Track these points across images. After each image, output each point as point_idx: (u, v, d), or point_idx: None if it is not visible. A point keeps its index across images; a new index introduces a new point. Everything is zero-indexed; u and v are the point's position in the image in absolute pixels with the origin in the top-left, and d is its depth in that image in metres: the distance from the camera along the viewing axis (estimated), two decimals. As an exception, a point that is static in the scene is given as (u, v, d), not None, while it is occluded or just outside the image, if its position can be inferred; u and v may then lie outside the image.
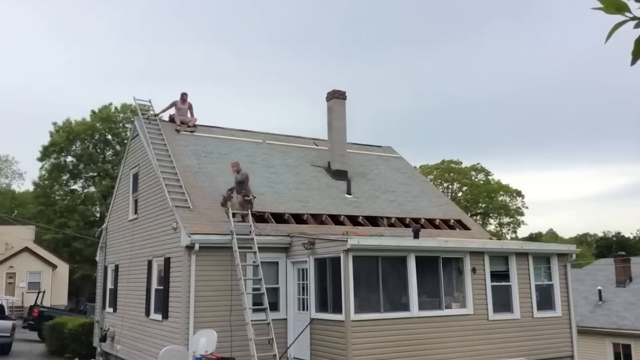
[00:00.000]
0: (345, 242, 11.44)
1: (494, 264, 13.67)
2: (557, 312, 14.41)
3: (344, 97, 18.56)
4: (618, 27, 2.06)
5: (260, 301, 12.54)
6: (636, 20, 2.03)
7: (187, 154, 15.87)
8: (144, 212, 16.02)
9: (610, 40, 2.15)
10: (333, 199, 16.41)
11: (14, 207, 58.22)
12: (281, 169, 17.12)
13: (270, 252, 13.34)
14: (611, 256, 36.78)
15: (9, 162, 59.77)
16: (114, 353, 17.04)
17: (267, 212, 14.52)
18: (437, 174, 58.70)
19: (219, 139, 17.49)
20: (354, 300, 11.40)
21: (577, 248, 15.66)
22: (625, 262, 29.49)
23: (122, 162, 19.58)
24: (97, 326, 19.15)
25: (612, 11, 2.02)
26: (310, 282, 12.69)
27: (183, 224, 12.79)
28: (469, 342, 12.69)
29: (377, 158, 20.50)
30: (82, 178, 47.91)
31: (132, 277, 16.32)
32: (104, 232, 19.93)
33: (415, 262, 12.26)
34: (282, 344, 12.75)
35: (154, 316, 14.24)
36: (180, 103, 17.43)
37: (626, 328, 24.59)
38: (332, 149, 18.22)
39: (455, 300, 13.00)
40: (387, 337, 11.50)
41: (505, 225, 62.08)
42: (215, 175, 15.32)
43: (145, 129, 16.27)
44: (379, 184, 18.33)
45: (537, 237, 65.79)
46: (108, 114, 47.13)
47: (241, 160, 16.72)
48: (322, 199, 16.14)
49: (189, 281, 12.39)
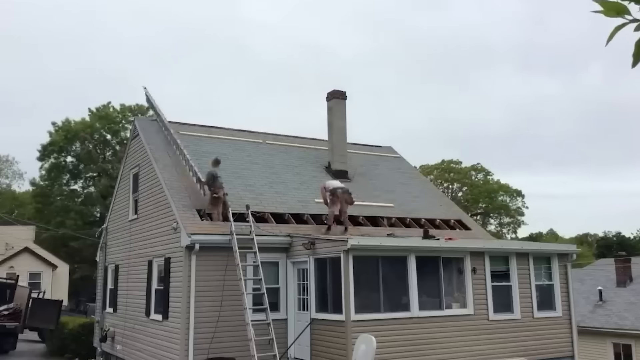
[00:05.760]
0: (345, 242, 11.44)
1: (494, 264, 13.65)
2: (557, 312, 14.40)
3: (344, 97, 18.56)
4: (618, 30, 2.06)
5: (260, 301, 12.53)
6: (636, 22, 2.03)
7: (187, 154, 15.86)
8: (144, 212, 16.02)
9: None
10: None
11: (14, 207, 58.21)
12: (281, 169, 17.11)
13: (270, 252, 13.33)
14: (611, 256, 36.76)
15: (9, 162, 59.83)
16: (114, 353, 17.03)
17: (267, 212, 14.51)
18: (437, 174, 58.68)
19: (219, 140, 17.51)
20: (354, 300, 11.39)
21: (577, 248, 15.68)
22: (626, 262, 29.46)
23: (122, 162, 19.59)
24: (97, 326, 19.14)
25: (612, 14, 2.02)
26: (311, 282, 12.68)
27: (183, 224, 12.78)
28: (469, 342, 12.68)
29: (377, 158, 20.50)
30: (81, 178, 47.93)
31: (132, 277, 16.31)
32: (104, 232, 19.92)
33: (416, 262, 12.26)
34: (282, 344, 12.74)
35: (154, 316, 14.23)
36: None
37: (626, 328, 24.57)
38: (332, 149, 18.22)
39: (456, 300, 12.99)
40: (388, 337, 11.48)
41: (505, 225, 62.08)
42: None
43: (145, 128, 16.27)
44: (380, 184, 18.32)
45: (537, 237, 65.77)
46: (107, 113, 47.13)
47: (241, 160, 16.73)
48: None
49: (189, 281, 12.38)
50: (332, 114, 18.34)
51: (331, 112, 18.40)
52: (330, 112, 18.42)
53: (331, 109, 18.41)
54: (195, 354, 12.07)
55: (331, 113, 18.39)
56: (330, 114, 18.42)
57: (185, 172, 14.90)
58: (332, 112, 18.37)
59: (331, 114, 18.40)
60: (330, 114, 18.42)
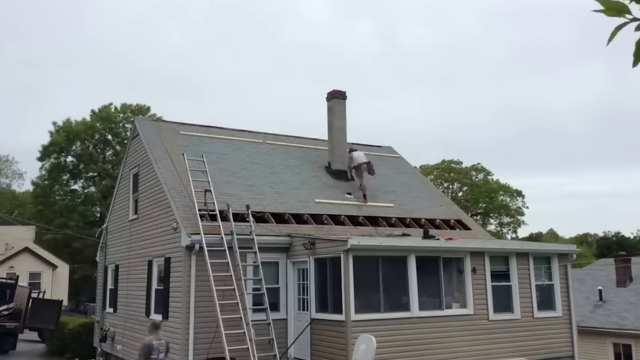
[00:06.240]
0: (345, 242, 11.44)
1: (494, 264, 13.65)
2: (557, 312, 14.39)
3: (344, 97, 18.56)
4: (619, 29, 2.06)
5: (260, 301, 12.53)
6: (637, 21, 2.03)
7: (187, 154, 15.85)
8: (144, 212, 16.02)
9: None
10: (333, 199, 16.40)
11: (14, 207, 58.20)
12: (281, 169, 17.11)
13: (270, 252, 13.33)
14: (611, 256, 36.75)
15: (9, 162, 59.82)
16: (114, 353, 17.03)
17: (267, 212, 14.51)
18: (437, 174, 58.65)
19: (219, 139, 17.50)
20: (354, 300, 11.39)
21: (577, 248, 15.67)
22: (626, 262, 29.44)
23: (122, 162, 19.58)
24: (98, 326, 19.14)
25: (612, 14, 2.02)
26: (311, 282, 12.68)
27: (183, 224, 12.78)
28: (469, 342, 12.68)
29: (377, 158, 20.47)
30: (82, 178, 47.91)
31: (132, 277, 16.31)
32: (104, 232, 19.92)
33: (416, 262, 12.26)
34: (283, 344, 12.74)
35: (154, 316, 14.22)
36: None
37: (626, 328, 24.56)
38: (332, 149, 18.22)
39: (456, 300, 12.99)
40: (388, 337, 11.48)
41: (505, 225, 62.06)
42: (215, 175, 15.30)
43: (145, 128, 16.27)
44: (380, 184, 18.31)
45: (538, 237, 65.74)
46: (108, 113, 47.13)
47: (242, 160, 16.73)
48: (323, 199, 16.12)
49: (189, 281, 12.38)
50: (332, 114, 18.35)
51: (331, 112, 18.40)
52: (331, 112, 18.42)
53: (331, 109, 18.41)
54: (195, 354, 12.08)
55: (331, 113, 18.40)
56: (331, 114, 18.42)
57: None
58: (332, 112, 18.38)
59: (331, 114, 18.40)
60: (331, 114, 18.42)
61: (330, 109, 18.44)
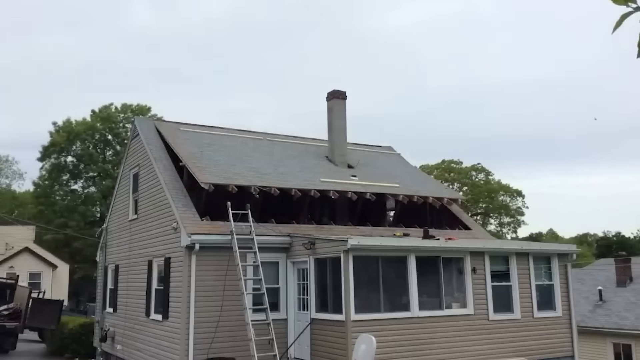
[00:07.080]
0: (345, 242, 11.44)
1: (494, 264, 13.66)
2: (557, 312, 14.40)
3: (344, 97, 18.59)
4: (625, 18, 2.07)
5: (260, 301, 12.53)
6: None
7: (188, 145, 15.93)
8: (144, 212, 16.02)
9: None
10: (339, 178, 16.42)
11: (14, 207, 58.22)
12: (284, 158, 17.33)
13: (270, 252, 13.33)
14: (611, 256, 36.74)
15: (9, 162, 59.86)
16: (114, 353, 17.03)
17: (273, 186, 14.49)
18: (438, 174, 58.67)
19: (220, 135, 17.69)
20: (354, 300, 11.40)
21: (577, 248, 15.67)
22: (626, 262, 29.45)
23: (122, 162, 19.59)
24: (98, 326, 19.15)
25: (620, 2, 2.04)
26: (311, 282, 12.69)
27: (183, 224, 12.78)
28: (469, 342, 12.68)
29: (378, 154, 20.62)
30: (82, 178, 47.91)
31: (133, 277, 16.31)
32: (104, 232, 19.92)
33: (416, 262, 12.26)
34: (283, 344, 12.74)
35: (154, 316, 14.23)
36: None
37: (627, 328, 24.56)
38: (332, 149, 18.24)
39: (456, 300, 12.99)
40: (388, 337, 11.48)
41: (505, 225, 62.04)
42: (218, 159, 15.37)
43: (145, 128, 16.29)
44: (383, 173, 18.42)
45: (538, 237, 65.73)
46: (108, 113, 47.14)
47: (244, 152, 16.83)
48: (328, 179, 16.12)
49: (189, 281, 12.38)
50: (332, 113, 18.37)
51: (331, 112, 18.42)
52: (331, 112, 18.44)
53: (331, 109, 18.43)
54: (195, 354, 12.08)
55: (331, 113, 18.42)
56: (331, 114, 18.44)
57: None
58: (332, 112, 18.40)
59: (331, 113, 18.42)
60: (331, 114, 18.44)
61: (330, 109, 18.46)
